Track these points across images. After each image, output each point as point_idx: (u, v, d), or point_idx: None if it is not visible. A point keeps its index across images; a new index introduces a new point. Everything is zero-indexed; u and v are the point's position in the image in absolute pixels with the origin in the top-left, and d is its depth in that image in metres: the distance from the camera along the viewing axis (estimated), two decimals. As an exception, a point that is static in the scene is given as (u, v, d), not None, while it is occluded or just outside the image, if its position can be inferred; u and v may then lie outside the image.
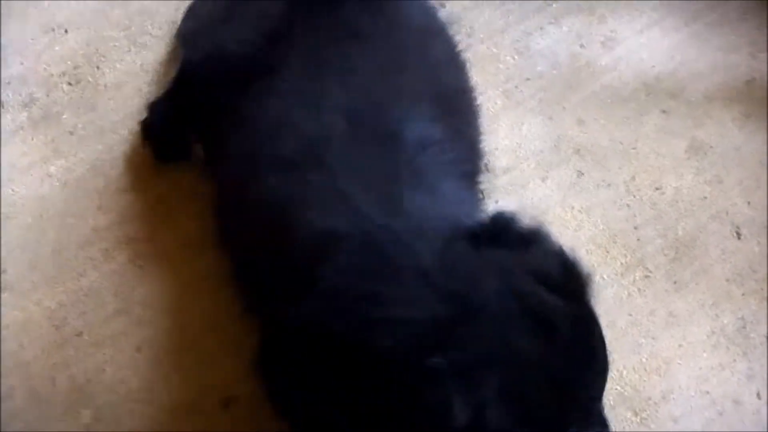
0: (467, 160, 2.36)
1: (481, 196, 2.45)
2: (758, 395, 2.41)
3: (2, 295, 2.46)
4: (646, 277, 2.57)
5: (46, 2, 2.94)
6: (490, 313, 1.78)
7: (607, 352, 1.89)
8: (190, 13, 2.75)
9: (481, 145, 2.49)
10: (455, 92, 2.46)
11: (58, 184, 2.65)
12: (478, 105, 2.54)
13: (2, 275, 2.49)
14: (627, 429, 2.34)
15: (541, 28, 2.97)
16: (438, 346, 1.74)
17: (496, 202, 2.60)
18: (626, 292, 2.54)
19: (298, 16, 2.34)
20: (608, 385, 2.27)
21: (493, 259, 1.89)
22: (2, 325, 2.42)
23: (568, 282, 1.89)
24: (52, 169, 2.67)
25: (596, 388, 1.92)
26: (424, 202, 2.05)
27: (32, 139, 2.72)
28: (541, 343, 1.77)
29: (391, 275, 1.89)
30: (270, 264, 2.11)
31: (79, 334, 2.42)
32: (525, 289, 1.82)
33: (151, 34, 2.86)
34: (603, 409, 2.09)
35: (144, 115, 2.67)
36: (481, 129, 2.51)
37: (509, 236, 1.96)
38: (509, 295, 1.80)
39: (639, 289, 2.55)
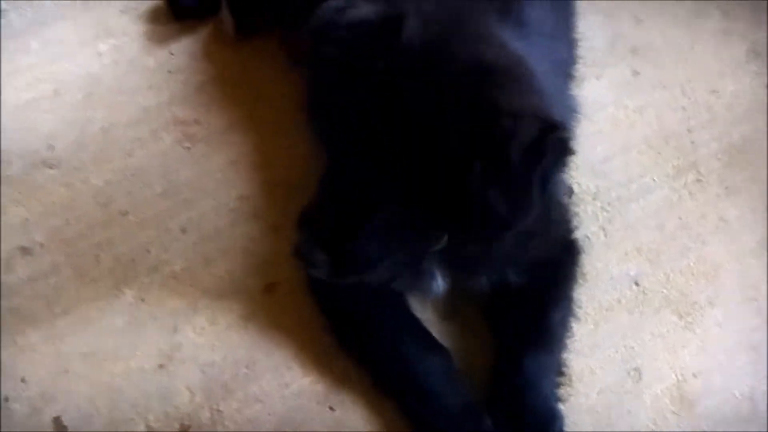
0: (566, 62, 2.36)
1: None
2: (807, 303, 2.39)
3: (50, 172, 2.46)
4: (698, 180, 2.53)
5: None
6: None
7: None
8: None
9: (576, 52, 2.46)
10: None
11: (108, 62, 2.64)
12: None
13: (51, 152, 2.49)
14: (671, 332, 2.32)
15: None
16: None
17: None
18: (677, 195, 2.51)
19: None
20: (654, 288, 2.28)
21: None
22: (49, 201, 2.42)
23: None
24: (103, 47, 2.66)
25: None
26: None
27: (83, 16, 2.71)
28: None
29: None
30: None
31: (125, 214, 2.42)
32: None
33: None
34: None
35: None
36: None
37: None
38: None
39: (690, 193, 2.51)
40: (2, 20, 2.68)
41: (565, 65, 2.33)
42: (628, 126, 2.60)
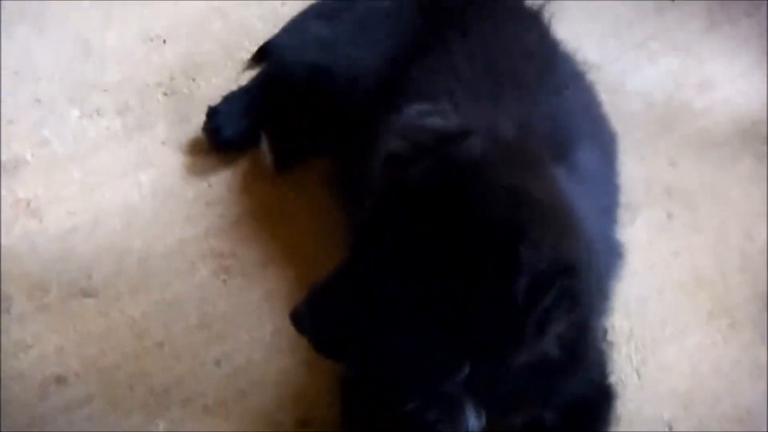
0: (611, 207, 2.37)
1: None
2: None
3: (87, 301, 2.48)
4: (732, 325, 2.52)
5: (146, 11, 2.97)
6: None
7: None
8: (294, 30, 2.75)
9: (620, 197, 2.48)
10: (610, 139, 2.47)
11: (147, 192, 2.67)
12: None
13: (88, 281, 2.51)
14: (704, 483, 2.31)
15: (638, 67, 2.94)
16: None
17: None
18: (710, 340, 2.50)
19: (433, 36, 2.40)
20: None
21: None
22: (86, 330, 2.44)
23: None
24: (143, 177, 2.69)
25: None
26: None
27: (125, 146, 2.75)
28: None
29: None
30: None
31: (160, 345, 2.43)
32: None
33: (248, 49, 2.86)
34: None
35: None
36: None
37: None
38: None
39: (724, 338, 2.50)
40: (45, 150, 2.73)
41: (611, 210, 2.35)
42: (662, 268, 2.60)
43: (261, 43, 2.81)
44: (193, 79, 2.85)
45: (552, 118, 2.19)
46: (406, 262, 1.74)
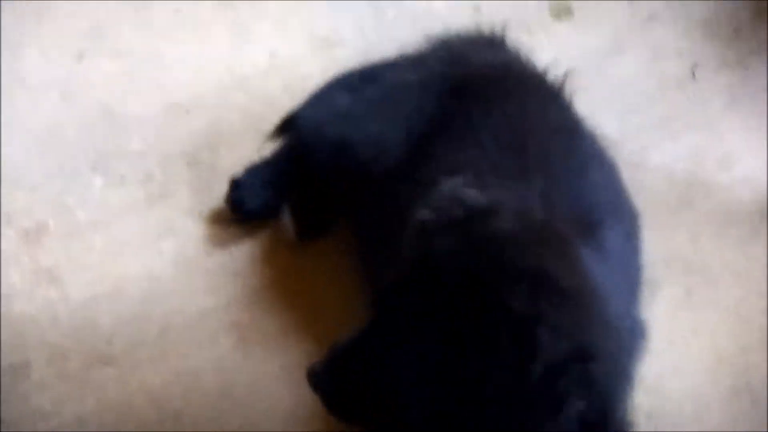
0: (635, 287, 2.36)
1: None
2: None
3: (107, 369, 2.49)
4: (753, 402, 2.51)
5: (169, 81, 2.99)
6: None
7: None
8: (318, 102, 2.78)
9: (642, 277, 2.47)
10: (633, 217, 2.48)
11: (169, 262, 2.68)
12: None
13: (109, 349, 2.52)
14: None
15: (659, 143, 2.94)
16: None
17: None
18: (731, 417, 2.49)
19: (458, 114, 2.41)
20: None
21: None
22: (105, 398, 2.45)
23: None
24: (165, 246, 2.70)
25: None
26: None
27: (147, 215, 2.76)
28: None
29: None
30: None
31: (179, 415, 2.43)
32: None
33: (271, 121, 2.85)
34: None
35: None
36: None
37: None
38: None
39: (745, 415, 2.49)
40: (68, 217, 2.74)
41: (634, 289, 2.34)
42: (682, 345, 2.59)
43: (284, 114, 2.81)
44: (216, 150, 2.86)
45: (576, 195, 2.20)
46: (425, 334, 1.74)
